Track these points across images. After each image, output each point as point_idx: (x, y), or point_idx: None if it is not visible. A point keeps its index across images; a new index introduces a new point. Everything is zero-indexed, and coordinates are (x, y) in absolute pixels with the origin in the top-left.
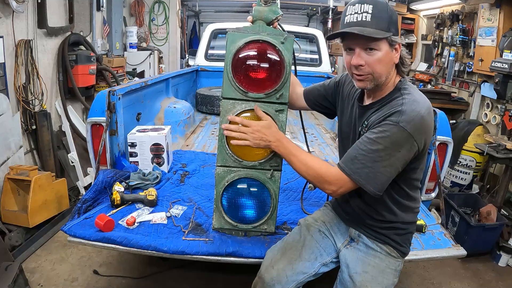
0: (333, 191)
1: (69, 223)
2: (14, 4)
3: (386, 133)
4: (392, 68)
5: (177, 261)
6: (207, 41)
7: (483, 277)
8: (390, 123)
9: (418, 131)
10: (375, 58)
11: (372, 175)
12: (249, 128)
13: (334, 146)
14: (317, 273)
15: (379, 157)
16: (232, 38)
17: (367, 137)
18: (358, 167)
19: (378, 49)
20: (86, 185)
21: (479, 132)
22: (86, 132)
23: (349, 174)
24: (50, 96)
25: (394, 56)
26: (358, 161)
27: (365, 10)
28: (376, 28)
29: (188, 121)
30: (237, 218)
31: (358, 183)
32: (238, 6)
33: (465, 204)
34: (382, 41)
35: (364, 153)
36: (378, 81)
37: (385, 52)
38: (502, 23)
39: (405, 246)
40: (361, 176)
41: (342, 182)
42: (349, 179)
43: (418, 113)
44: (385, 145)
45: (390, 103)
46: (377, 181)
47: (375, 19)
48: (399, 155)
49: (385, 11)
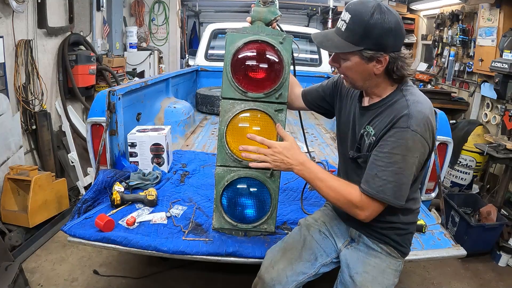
0: (367, 217)
1: (69, 223)
2: (14, 4)
3: (400, 141)
4: (374, 77)
5: (177, 261)
6: (207, 41)
7: (483, 277)
8: (401, 129)
9: (427, 132)
10: (344, 65)
11: (396, 189)
12: (269, 149)
13: (334, 146)
14: (317, 274)
15: (399, 168)
16: (231, 38)
17: (381, 152)
18: (381, 185)
19: (345, 59)
20: (86, 185)
21: (479, 132)
22: (86, 132)
23: (373, 194)
24: (50, 96)
25: (374, 67)
26: (379, 178)
27: (344, 18)
28: (346, 40)
29: (188, 121)
30: (237, 218)
31: (384, 201)
32: (238, 6)
33: (465, 204)
34: (350, 53)
35: (383, 168)
36: (355, 85)
37: (355, 63)
38: (502, 23)
39: (406, 246)
40: (386, 194)
41: (370, 204)
42: (376, 200)
43: (424, 114)
44: (402, 154)
45: (393, 105)
46: (402, 192)
47: (348, 31)
48: (415, 160)
49: (360, 25)
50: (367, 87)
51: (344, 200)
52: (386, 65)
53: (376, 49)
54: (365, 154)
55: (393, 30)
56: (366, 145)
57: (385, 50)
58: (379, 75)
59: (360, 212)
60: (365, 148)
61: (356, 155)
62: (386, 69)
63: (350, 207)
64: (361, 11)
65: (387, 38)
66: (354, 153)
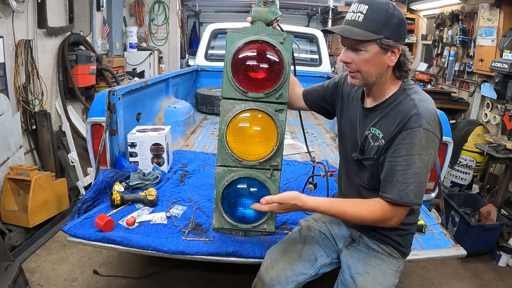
0: (395, 223)
1: (69, 223)
2: (14, 4)
3: (415, 141)
4: (386, 70)
5: (177, 261)
6: (207, 41)
7: (483, 277)
8: (413, 130)
9: (437, 129)
10: (361, 58)
11: (417, 189)
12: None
13: (334, 146)
14: (317, 274)
15: (417, 168)
16: (231, 38)
17: (398, 156)
18: (403, 188)
19: (364, 50)
20: (86, 185)
21: (479, 132)
22: (86, 132)
23: (397, 200)
24: (50, 96)
25: (389, 59)
26: (400, 183)
27: (360, 10)
28: (365, 30)
29: (188, 121)
30: (237, 218)
31: (408, 204)
32: (238, 6)
33: (465, 204)
34: (369, 43)
35: (402, 172)
36: (368, 81)
37: (374, 54)
38: (502, 23)
39: (406, 247)
40: (409, 197)
41: (396, 212)
42: (400, 206)
43: (432, 111)
44: (418, 153)
45: (399, 105)
46: (422, 191)
47: (367, 21)
48: (430, 157)
49: (380, 13)
50: (376, 84)
51: (371, 221)
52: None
53: (393, 38)
54: (373, 157)
55: (404, 22)
56: (372, 147)
57: (399, 41)
58: (388, 70)
59: (388, 223)
60: (372, 151)
61: (360, 157)
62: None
63: (377, 223)
64: (378, 1)
65: (401, 28)
66: (358, 155)
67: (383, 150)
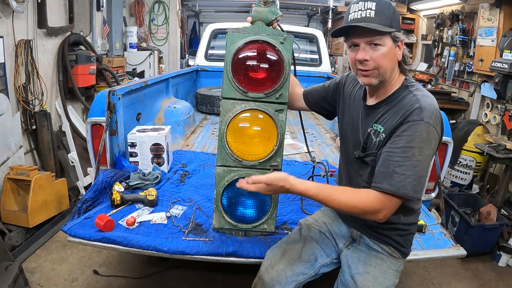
0: (385, 216)
1: (69, 223)
2: (14, 4)
3: (416, 134)
4: (396, 65)
5: (177, 261)
6: (207, 41)
7: (483, 277)
8: (415, 122)
9: (438, 125)
10: (380, 53)
11: (416, 182)
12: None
13: (334, 146)
14: (317, 274)
15: (417, 161)
16: (231, 38)
17: (396, 147)
18: (401, 180)
19: (382, 44)
20: (86, 185)
21: (479, 132)
22: (86, 132)
23: (394, 191)
24: (50, 96)
25: (398, 53)
26: (398, 174)
27: (368, 7)
28: (380, 23)
29: (188, 121)
30: (237, 218)
31: (406, 196)
32: (238, 6)
33: (465, 204)
34: (386, 36)
35: (400, 163)
36: (383, 77)
37: (390, 48)
38: (502, 23)
39: (406, 247)
40: (407, 188)
41: (388, 203)
42: (395, 197)
43: (434, 106)
44: (419, 146)
45: (402, 101)
46: (421, 186)
47: (379, 15)
48: (431, 152)
49: (388, 8)
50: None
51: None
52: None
53: (399, 31)
54: (374, 152)
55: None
56: (374, 143)
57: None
58: (397, 63)
59: (376, 215)
60: (374, 147)
61: (362, 154)
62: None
63: (365, 214)
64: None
65: (399, 21)
66: (360, 153)
67: (383, 144)
